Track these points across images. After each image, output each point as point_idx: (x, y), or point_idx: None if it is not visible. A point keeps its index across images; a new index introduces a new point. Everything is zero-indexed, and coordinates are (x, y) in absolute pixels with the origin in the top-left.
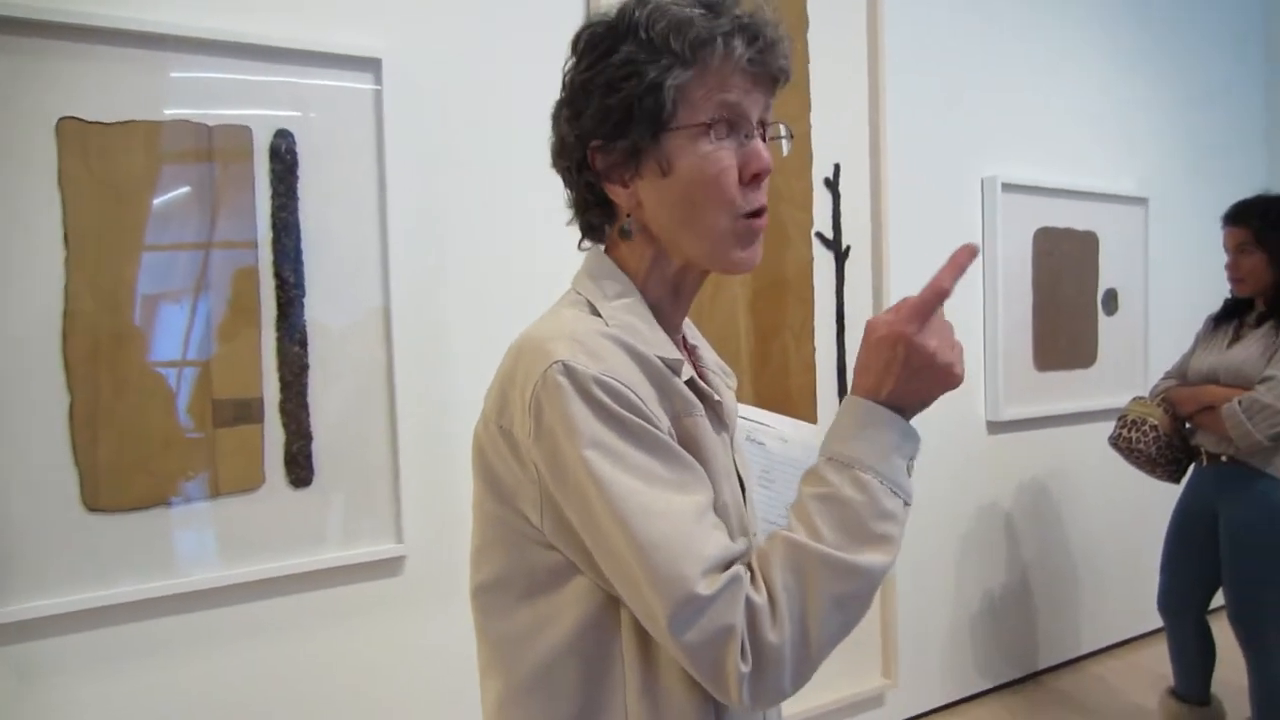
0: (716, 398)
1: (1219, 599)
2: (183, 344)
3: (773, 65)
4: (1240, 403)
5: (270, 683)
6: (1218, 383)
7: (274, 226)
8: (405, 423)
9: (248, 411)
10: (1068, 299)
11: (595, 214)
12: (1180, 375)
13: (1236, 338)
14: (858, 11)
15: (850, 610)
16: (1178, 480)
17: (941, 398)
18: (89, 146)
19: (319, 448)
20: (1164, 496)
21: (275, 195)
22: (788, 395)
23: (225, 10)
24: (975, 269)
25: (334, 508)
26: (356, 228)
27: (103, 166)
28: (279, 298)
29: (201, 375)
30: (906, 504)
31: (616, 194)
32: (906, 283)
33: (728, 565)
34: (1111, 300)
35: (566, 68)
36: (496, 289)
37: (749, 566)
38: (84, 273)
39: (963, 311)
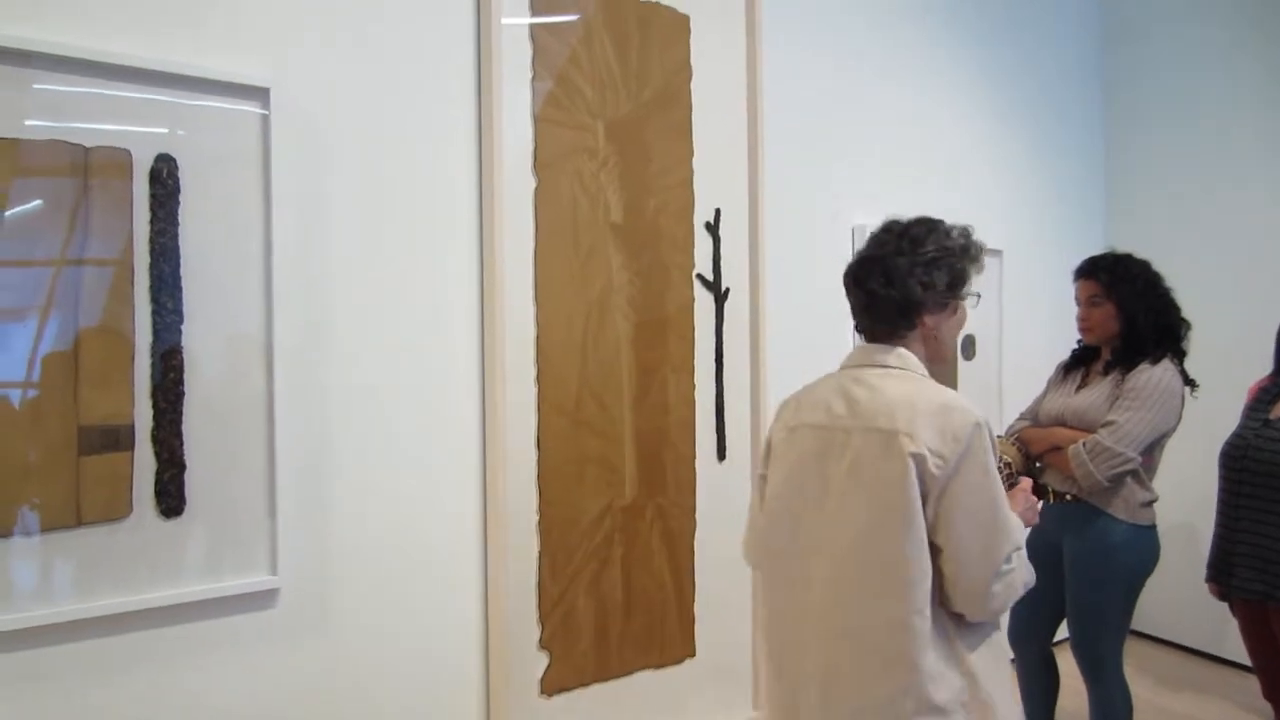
0: None
1: (1065, 631)
2: (28, 365)
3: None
4: (1085, 445)
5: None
6: (1065, 425)
7: (152, 251)
8: (284, 454)
9: (116, 439)
10: None
11: (903, 325)
12: (1033, 417)
13: (1083, 384)
14: (738, 66)
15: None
16: None
17: None
18: None
19: (192, 477)
20: None
21: (155, 219)
22: (667, 428)
23: (113, 31)
24: (845, 316)
25: (205, 539)
26: (240, 256)
27: None
28: (155, 323)
29: (63, 399)
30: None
31: (932, 317)
32: (782, 323)
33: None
34: (970, 346)
35: (906, 240)
36: (380, 321)
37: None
38: None
39: (837, 356)
